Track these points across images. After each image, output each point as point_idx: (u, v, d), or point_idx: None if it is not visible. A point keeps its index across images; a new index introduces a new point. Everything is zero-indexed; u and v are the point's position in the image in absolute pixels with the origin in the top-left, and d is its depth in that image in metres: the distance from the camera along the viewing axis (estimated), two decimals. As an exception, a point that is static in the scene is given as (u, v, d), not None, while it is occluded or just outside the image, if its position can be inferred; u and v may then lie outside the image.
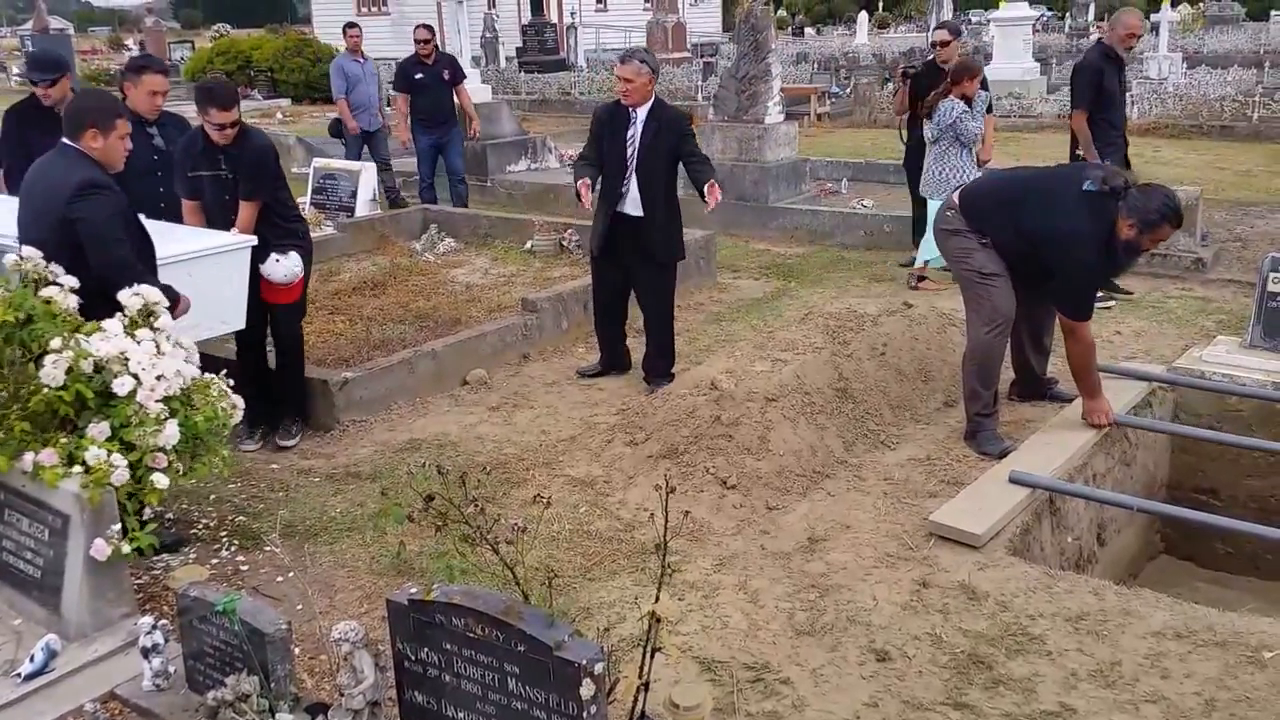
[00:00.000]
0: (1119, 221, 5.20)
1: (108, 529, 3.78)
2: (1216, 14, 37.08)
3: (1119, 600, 4.23)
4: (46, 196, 4.54)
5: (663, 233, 6.59)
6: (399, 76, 12.24)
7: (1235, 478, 6.04)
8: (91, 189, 4.46)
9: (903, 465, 5.46)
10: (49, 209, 4.49)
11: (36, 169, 4.75)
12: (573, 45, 34.71)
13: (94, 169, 4.56)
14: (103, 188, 4.51)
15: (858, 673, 3.84)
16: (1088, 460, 5.44)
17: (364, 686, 3.17)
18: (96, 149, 4.60)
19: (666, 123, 6.46)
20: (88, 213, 4.43)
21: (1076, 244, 5.25)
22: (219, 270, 5.49)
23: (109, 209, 4.49)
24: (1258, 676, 3.72)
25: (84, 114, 4.62)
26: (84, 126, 4.58)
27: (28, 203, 4.73)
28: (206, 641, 3.41)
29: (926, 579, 4.39)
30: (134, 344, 4.11)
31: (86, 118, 4.60)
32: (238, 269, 5.64)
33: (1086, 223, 5.24)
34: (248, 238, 5.71)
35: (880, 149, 15.75)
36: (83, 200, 4.43)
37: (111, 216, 4.50)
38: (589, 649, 2.76)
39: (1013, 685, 3.73)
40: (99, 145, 4.60)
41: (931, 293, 8.35)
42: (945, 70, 9.31)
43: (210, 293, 5.31)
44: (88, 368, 4.00)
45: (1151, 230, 5.19)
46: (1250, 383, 6.05)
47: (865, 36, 38.16)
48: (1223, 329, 7.36)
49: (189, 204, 6.00)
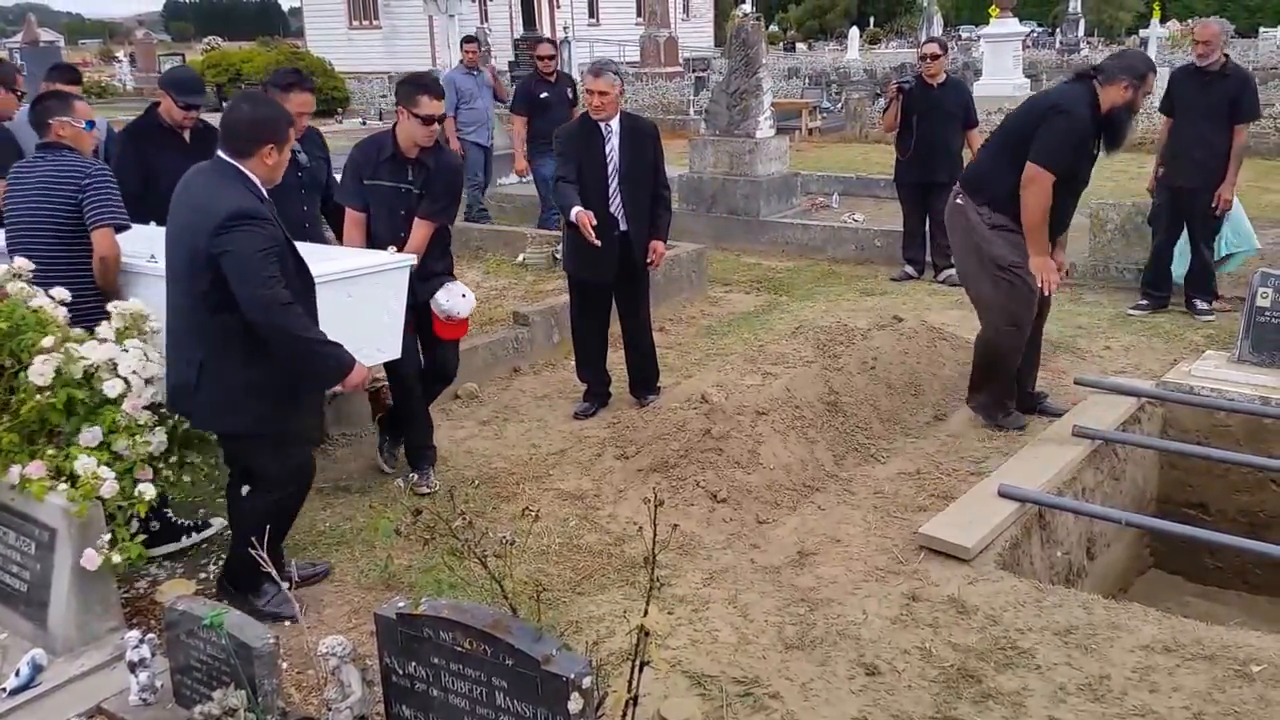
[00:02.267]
0: (1108, 90, 5.57)
1: (98, 539, 3.77)
2: (1206, 30, 37.25)
3: (1108, 614, 4.23)
4: (192, 227, 3.98)
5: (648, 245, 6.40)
6: (519, 97, 11.36)
7: (1224, 492, 6.06)
8: (242, 220, 3.90)
9: (892, 479, 5.47)
10: (195, 241, 3.96)
11: (185, 190, 4.15)
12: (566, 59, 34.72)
13: (248, 195, 3.99)
14: (254, 219, 3.93)
15: (847, 687, 3.83)
16: (1077, 474, 5.45)
17: (351, 701, 3.17)
18: (268, 165, 4.10)
19: (640, 132, 6.34)
20: (234, 245, 3.87)
21: (1059, 108, 5.61)
22: (377, 292, 4.96)
23: (259, 242, 3.91)
24: (1246, 690, 3.72)
25: (260, 127, 4.07)
26: (260, 142, 4.05)
27: (173, 227, 4.16)
28: (194, 656, 3.40)
29: (916, 593, 4.39)
30: (122, 352, 4.12)
31: (264, 131, 4.06)
32: (397, 292, 5.08)
33: (1067, 97, 5.69)
34: (407, 256, 5.17)
35: (871, 164, 15.80)
36: (229, 233, 3.87)
37: (262, 251, 3.91)
38: (577, 663, 2.76)
39: (1002, 699, 3.73)
40: (272, 162, 4.11)
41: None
42: (934, 86, 9.35)
43: (367, 317, 4.86)
44: (77, 372, 4.01)
45: (1143, 82, 5.59)
46: (1239, 397, 6.06)
47: (856, 52, 38.28)
48: (1211, 344, 7.38)
49: (354, 215, 5.54)
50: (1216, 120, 7.70)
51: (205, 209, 3.93)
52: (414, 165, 5.42)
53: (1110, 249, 9.21)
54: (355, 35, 44.87)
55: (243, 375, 4.04)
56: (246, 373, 4.04)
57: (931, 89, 9.35)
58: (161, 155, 5.70)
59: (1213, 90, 7.75)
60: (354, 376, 4.18)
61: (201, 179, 4.08)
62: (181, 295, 4.08)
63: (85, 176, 4.78)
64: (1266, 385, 6.12)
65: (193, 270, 3.97)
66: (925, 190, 9.51)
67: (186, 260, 4.00)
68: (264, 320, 3.89)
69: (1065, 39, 32.73)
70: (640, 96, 26.93)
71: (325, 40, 42.72)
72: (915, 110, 9.31)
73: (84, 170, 4.81)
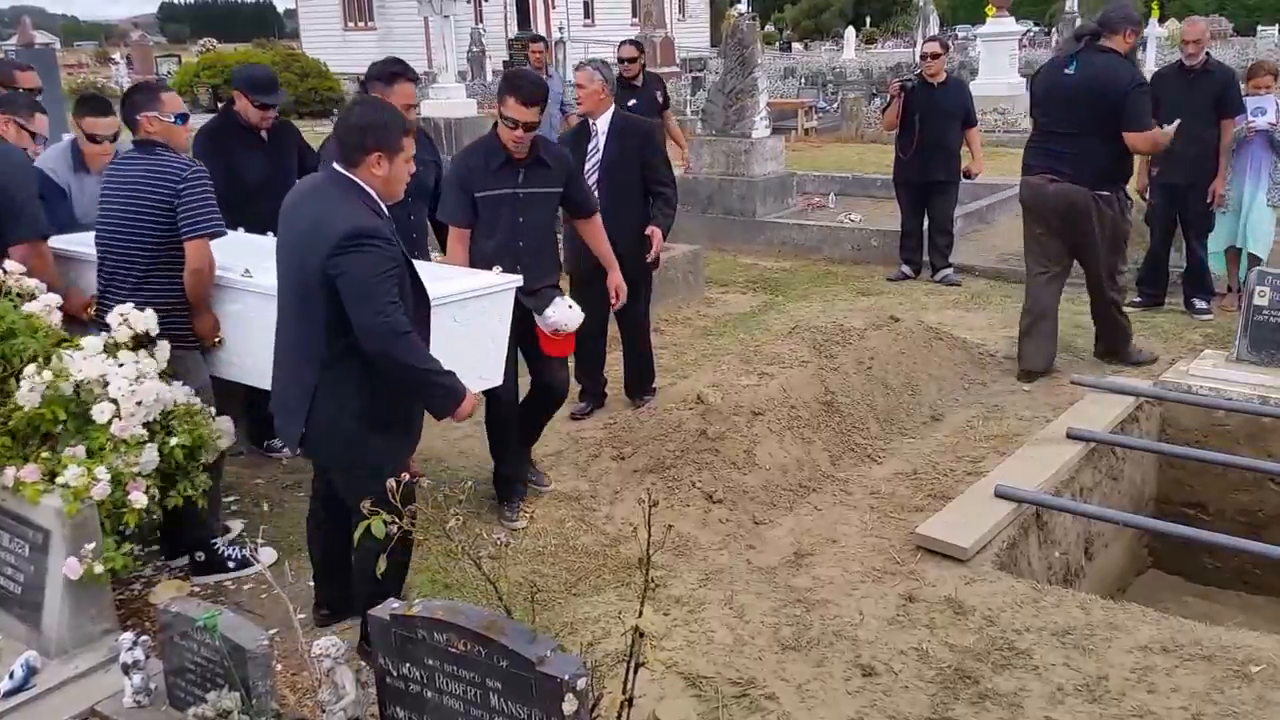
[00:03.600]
0: (1115, 41, 6.59)
1: (83, 548, 3.76)
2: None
3: (1106, 614, 4.23)
4: (306, 244, 3.66)
5: (639, 246, 6.20)
6: None
7: (1223, 492, 6.05)
8: (360, 241, 3.56)
9: (889, 479, 5.47)
10: (309, 260, 3.63)
11: (297, 202, 3.83)
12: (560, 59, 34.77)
13: (366, 211, 3.67)
14: (373, 238, 3.59)
15: (843, 688, 3.83)
16: (1074, 474, 5.45)
17: (345, 703, 3.15)
18: (379, 177, 3.73)
19: (629, 132, 6.27)
20: (351, 268, 3.55)
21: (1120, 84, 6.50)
22: (484, 316, 4.58)
23: (378, 264, 3.59)
24: (1244, 691, 3.72)
25: (364, 132, 3.69)
26: (364, 150, 3.68)
27: (285, 242, 3.84)
28: (188, 658, 3.39)
29: (913, 593, 4.38)
30: (115, 368, 4.09)
31: (368, 138, 3.68)
32: (502, 315, 4.71)
33: (1118, 69, 6.58)
34: (514, 278, 4.74)
35: (867, 163, 15.81)
36: (346, 254, 3.55)
37: (380, 274, 3.59)
38: (572, 664, 2.75)
39: (999, 700, 3.73)
40: (382, 173, 3.73)
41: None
42: (934, 85, 9.34)
43: (472, 342, 4.50)
44: (68, 389, 3.99)
45: (1139, 25, 6.77)
46: (1237, 396, 6.06)
47: (852, 52, 38.33)
48: (1209, 343, 7.39)
49: (458, 232, 5.13)
50: (1203, 117, 7.77)
51: (321, 226, 3.61)
52: (527, 167, 5.09)
53: (1107, 248, 9.20)
54: (350, 36, 44.92)
55: (357, 403, 3.75)
56: (362, 401, 3.76)
57: (932, 88, 9.35)
58: (241, 155, 5.61)
59: (1197, 88, 7.87)
60: (465, 407, 3.85)
61: (315, 191, 3.80)
62: (293, 316, 3.80)
63: (180, 180, 4.51)
64: (1265, 384, 6.12)
65: (306, 290, 3.68)
66: (924, 190, 9.53)
67: (299, 279, 3.70)
68: (379, 349, 3.60)
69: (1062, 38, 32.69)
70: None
71: (320, 41, 42.78)
72: (917, 109, 9.31)
73: (179, 173, 4.54)
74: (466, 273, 4.84)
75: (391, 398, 3.80)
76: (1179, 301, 8.46)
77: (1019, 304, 8.65)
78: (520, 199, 5.08)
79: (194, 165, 4.67)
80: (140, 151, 4.67)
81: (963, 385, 6.75)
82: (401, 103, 4.91)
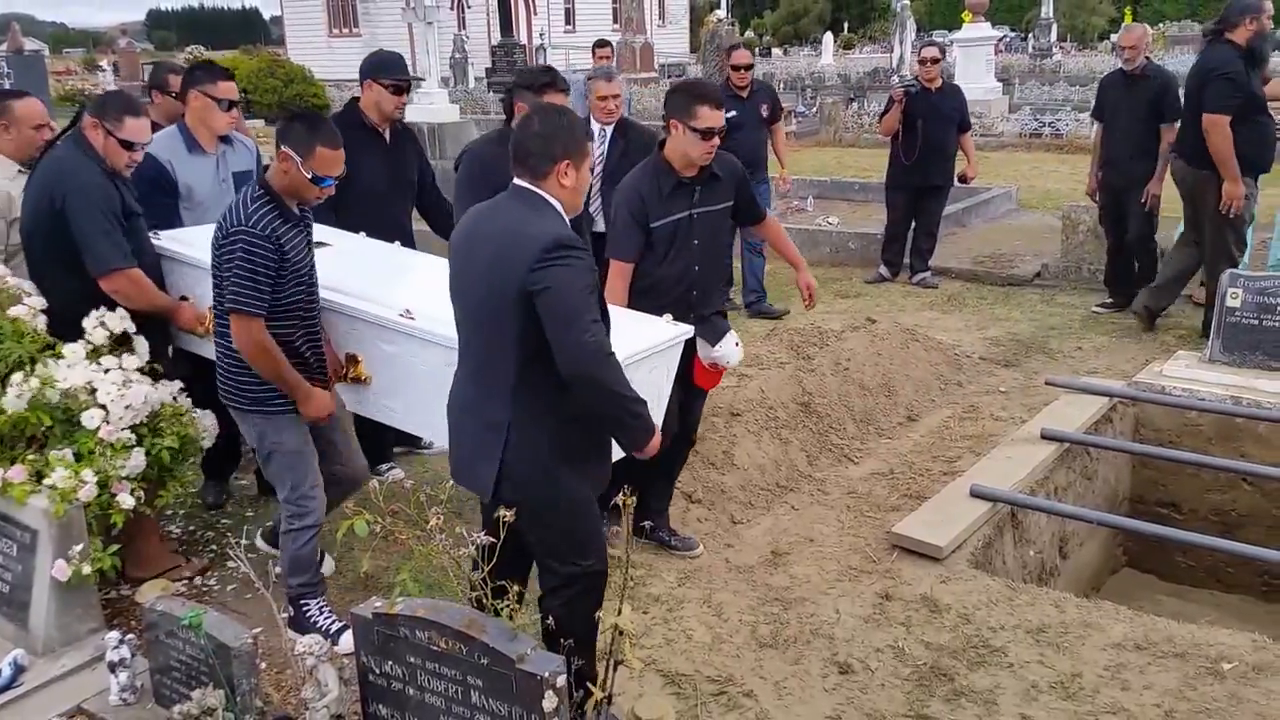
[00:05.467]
0: (1238, 33, 7.02)
1: (70, 549, 3.77)
2: (1176, 34, 37.71)
3: (1080, 612, 4.28)
4: (500, 261, 3.26)
5: None
6: None
7: (1196, 492, 6.12)
8: (565, 252, 3.19)
9: (866, 479, 5.51)
10: (503, 278, 3.24)
11: (480, 222, 3.45)
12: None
13: (563, 221, 3.33)
14: (575, 249, 3.23)
15: (820, 685, 3.87)
16: (1049, 474, 5.51)
17: (328, 700, 3.18)
18: (567, 188, 3.36)
19: (631, 140, 6.24)
20: (555, 281, 3.15)
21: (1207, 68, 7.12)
22: (654, 374, 4.11)
23: (583, 277, 3.22)
24: (1216, 688, 3.77)
25: (551, 141, 3.34)
26: (553, 159, 3.32)
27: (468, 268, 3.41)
28: (173, 656, 3.41)
29: (889, 591, 4.43)
30: (101, 374, 4.10)
31: (555, 146, 3.33)
32: (671, 369, 4.27)
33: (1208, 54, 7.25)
34: (686, 329, 4.27)
35: (845, 167, 15.88)
36: (550, 266, 3.16)
37: (586, 288, 3.23)
38: (552, 662, 2.78)
39: (974, 697, 3.77)
40: (570, 183, 3.36)
41: None
42: (931, 90, 9.29)
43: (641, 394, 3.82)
44: (54, 397, 4.00)
45: (1260, 11, 7.04)
46: (1210, 397, 6.13)
47: (831, 57, 38.46)
48: (1183, 344, 7.46)
49: (622, 267, 4.53)
50: (1140, 120, 7.94)
51: (516, 242, 3.24)
52: (703, 184, 4.61)
53: (1082, 250, 9.30)
54: (335, 43, 44.91)
55: (554, 438, 3.37)
56: (559, 435, 3.38)
57: (930, 93, 9.33)
58: (362, 156, 5.07)
59: (1135, 91, 8.00)
60: (656, 442, 3.46)
61: (498, 210, 3.43)
62: (479, 350, 3.43)
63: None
64: (1237, 385, 6.19)
65: (496, 317, 3.29)
66: (919, 194, 9.50)
67: (490, 303, 3.31)
68: (581, 371, 3.19)
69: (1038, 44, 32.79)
70: (616, 101, 26.93)
71: (305, 48, 42.75)
72: (918, 115, 9.23)
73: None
74: (636, 321, 4.25)
75: (586, 430, 3.44)
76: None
77: (994, 306, 8.79)
78: (695, 220, 4.60)
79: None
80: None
81: (939, 386, 6.80)
82: None
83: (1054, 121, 19.03)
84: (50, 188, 4.32)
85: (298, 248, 4.02)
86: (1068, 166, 15.30)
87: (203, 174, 5.11)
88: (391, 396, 4.38)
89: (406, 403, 4.31)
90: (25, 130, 4.90)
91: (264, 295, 3.88)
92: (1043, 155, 17.55)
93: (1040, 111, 20.22)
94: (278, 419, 4.10)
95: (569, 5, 48.03)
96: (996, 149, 18.03)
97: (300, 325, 4.09)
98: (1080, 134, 16.93)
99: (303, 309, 4.09)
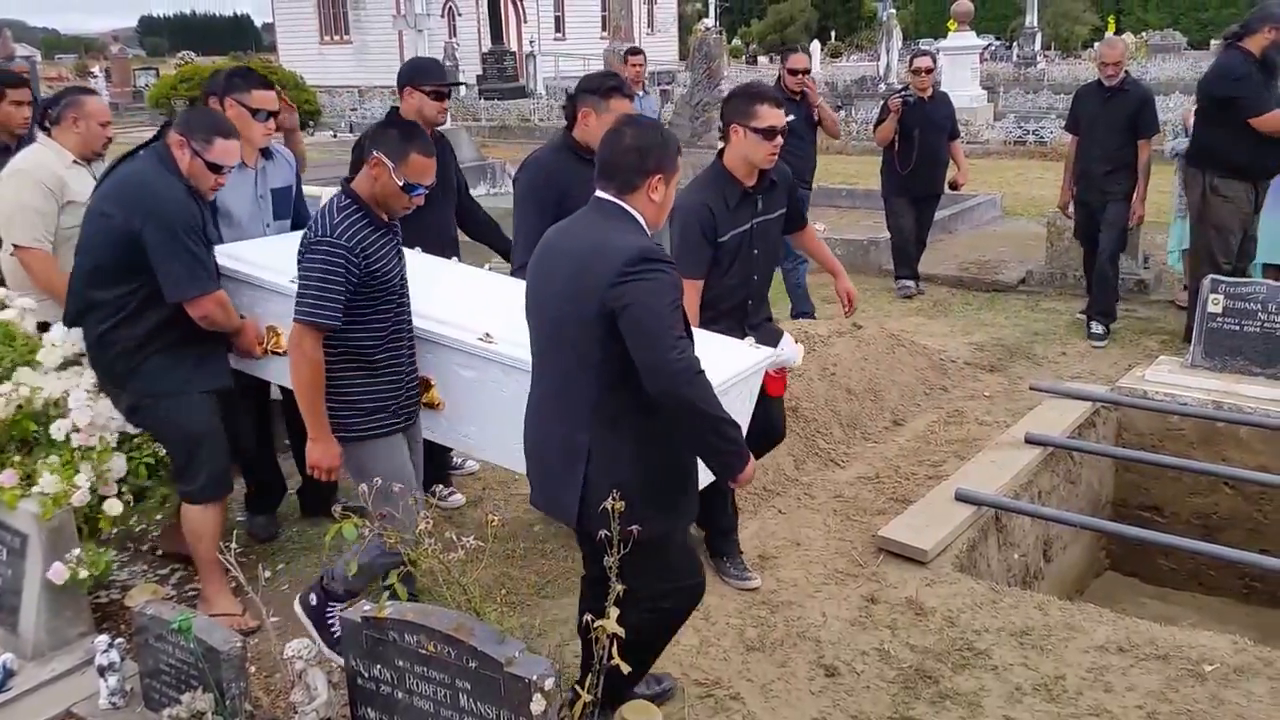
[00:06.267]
0: (1255, 40, 7.03)
1: (66, 552, 3.78)
2: (1159, 43, 37.92)
3: (1063, 615, 4.32)
4: (580, 277, 3.11)
5: None
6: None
7: (1178, 495, 6.17)
8: (649, 265, 3.04)
9: (852, 483, 5.54)
10: (584, 294, 3.09)
11: (559, 239, 3.31)
12: (532, 73, 34.88)
13: (645, 234, 3.21)
14: (660, 262, 3.09)
15: (807, 688, 3.89)
16: (1033, 478, 5.54)
17: (317, 704, 3.20)
18: (655, 203, 3.26)
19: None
20: (639, 296, 3.00)
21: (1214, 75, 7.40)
22: (739, 401, 3.98)
23: (670, 291, 3.07)
24: (1198, 690, 3.81)
25: (645, 155, 3.21)
26: (645, 173, 3.21)
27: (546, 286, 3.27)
28: (162, 660, 3.42)
29: (875, 595, 4.46)
30: (74, 383, 4.10)
31: (649, 160, 3.21)
32: (753, 393, 4.20)
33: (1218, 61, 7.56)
34: (769, 351, 4.24)
35: (832, 174, 15.90)
36: (634, 281, 3.01)
37: (673, 303, 3.07)
38: (540, 665, 2.80)
39: (958, 699, 3.80)
40: (658, 198, 3.26)
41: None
42: (925, 99, 9.23)
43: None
44: (39, 404, 4.01)
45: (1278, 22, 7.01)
46: (1191, 402, 6.17)
47: (817, 65, 38.57)
48: (1165, 349, 7.50)
49: (694, 284, 4.28)
50: (1117, 135, 7.80)
51: (598, 257, 3.09)
52: (764, 192, 4.49)
53: (1066, 257, 9.35)
54: (326, 50, 44.96)
55: (639, 465, 3.21)
56: (644, 461, 3.22)
57: (924, 102, 9.29)
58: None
59: (1113, 106, 7.84)
60: (751, 470, 3.29)
61: (577, 226, 3.29)
62: (560, 369, 3.25)
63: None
64: (1218, 390, 6.23)
65: (579, 334, 3.14)
66: (916, 203, 9.42)
67: (570, 321, 3.16)
68: (671, 390, 3.01)
69: (1022, 52, 32.98)
70: (605, 109, 27.00)
71: (297, 55, 42.78)
72: (914, 124, 9.12)
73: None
74: (723, 347, 4.13)
75: (672, 456, 3.29)
76: (1134, 308, 8.59)
77: (979, 311, 8.85)
78: (755, 230, 4.46)
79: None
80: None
81: (924, 391, 6.84)
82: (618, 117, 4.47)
83: (1038, 129, 19.17)
84: (129, 206, 3.99)
85: (387, 257, 3.82)
86: (1052, 173, 15.29)
87: (240, 191, 4.80)
88: (468, 423, 4.19)
89: (484, 430, 4.12)
90: (94, 126, 4.89)
91: (331, 309, 3.67)
92: (1027, 162, 17.66)
93: (1025, 119, 20.37)
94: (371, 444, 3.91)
95: (559, 13, 48.07)
96: (982, 156, 18.11)
97: (385, 342, 3.87)
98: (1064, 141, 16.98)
99: (393, 324, 3.89)
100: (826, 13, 69.96)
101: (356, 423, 3.86)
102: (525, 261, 4.43)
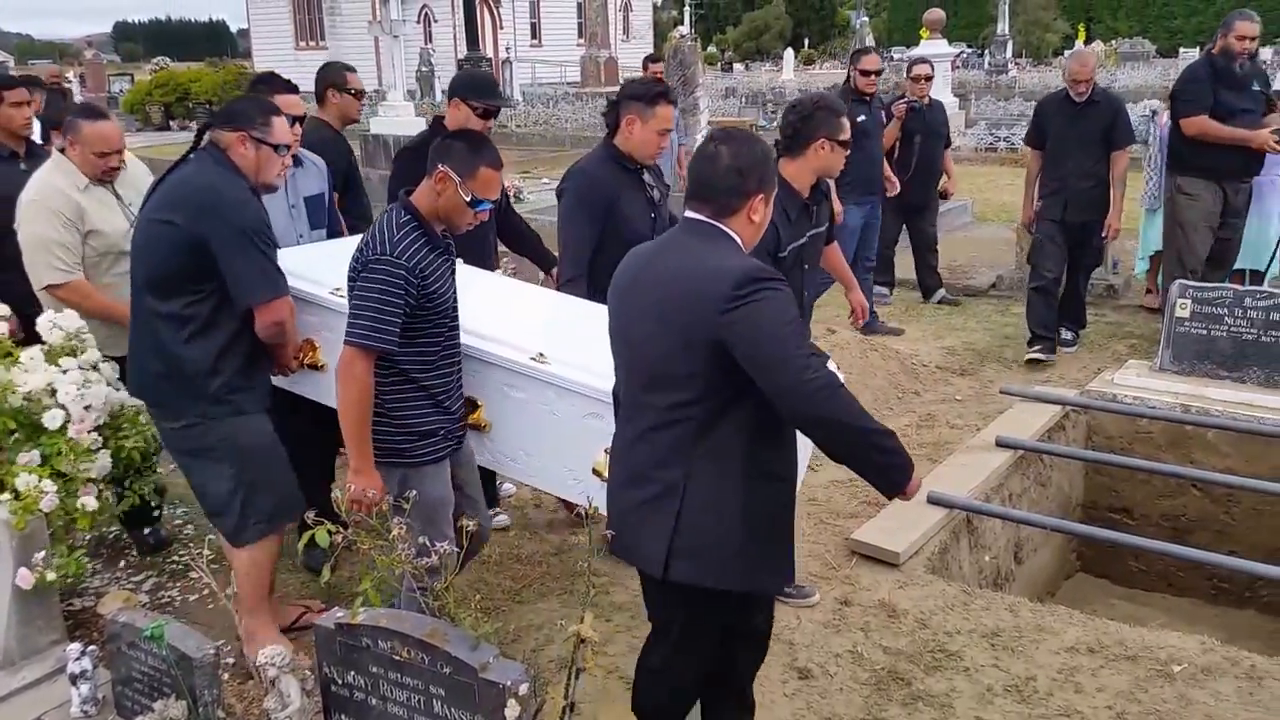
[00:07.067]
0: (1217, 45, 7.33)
1: (34, 556, 3.76)
2: (1128, 51, 38.22)
3: (1034, 617, 4.35)
4: (680, 304, 2.85)
5: None
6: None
7: (1147, 498, 6.22)
8: (761, 286, 2.76)
9: (825, 486, 5.56)
10: (686, 323, 2.83)
11: (641, 268, 3.04)
12: (508, 79, 34.86)
13: (744, 254, 2.96)
14: (773, 279, 2.81)
15: (780, 690, 3.91)
16: (1004, 481, 5.59)
17: (291, 711, 3.19)
18: (755, 224, 3.01)
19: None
20: (755, 319, 2.73)
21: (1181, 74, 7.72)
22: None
23: (788, 309, 2.81)
24: (1167, 690, 3.85)
25: (747, 175, 2.94)
26: (747, 194, 2.95)
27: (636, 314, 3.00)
28: (135, 667, 3.41)
29: (848, 597, 4.48)
30: (60, 374, 4.09)
31: (750, 180, 2.95)
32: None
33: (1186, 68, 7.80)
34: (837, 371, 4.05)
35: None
36: (745, 304, 2.74)
37: (793, 321, 2.81)
38: (514, 670, 2.81)
39: (930, 701, 3.83)
40: (759, 218, 3.01)
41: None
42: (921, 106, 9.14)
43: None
44: (16, 401, 3.99)
45: (1228, 29, 7.25)
46: (1160, 405, 6.23)
47: (791, 73, 38.70)
48: (1134, 353, 7.57)
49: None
50: (1093, 149, 7.46)
51: (698, 278, 2.84)
52: (818, 204, 4.32)
53: (1037, 263, 9.38)
54: (302, 56, 44.72)
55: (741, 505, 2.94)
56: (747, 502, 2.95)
57: (922, 110, 9.07)
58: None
59: (1085, 119, 7.48)
60: (917, 482, 3.00)
61: (667, 248, 3.02)
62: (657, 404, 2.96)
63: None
64: (1186, 393, 6.30)
65: (681, 366, 2.87)
66: (910, 212, 9.25)
67: (669, 354, 2.89)
68: (813, 413, 2.75)
69: (994, 60, 33.16)
70: (581, 116, 27.04)
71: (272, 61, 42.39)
72: (915, 130, 8.99)
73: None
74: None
75: (775, 494, 3.06)
76: (1103, 313, 8.65)
77: (950, 316, 8.88)
78: (807, 244, 4.27)
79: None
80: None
81: (896, 395, 6.88)
82: (660, 128, 4.47)
83: (1009, 136, 19.28)
84: (194, 211, 3.70)
85: (442, 278, 3.61)
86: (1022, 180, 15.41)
87: (270, 202, 4.28)
88: (515, 447, 3.98)
89: (532, 454, 3.93)
90: (88, 154, 4.59)
91: (388, 332, 3.45)
92: (998, 169, 17.76)
93: (995, 126, 20.51)
94: (420, 470, 3.70)
95: (535, 20, 48.11)
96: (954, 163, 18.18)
97: (435, 366, 3.67)
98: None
99: (445, 347, 3.69)
100: (801, 20, 70.37)
101: (409, 447, 3.67)
102: (574, 275, 4.54)
